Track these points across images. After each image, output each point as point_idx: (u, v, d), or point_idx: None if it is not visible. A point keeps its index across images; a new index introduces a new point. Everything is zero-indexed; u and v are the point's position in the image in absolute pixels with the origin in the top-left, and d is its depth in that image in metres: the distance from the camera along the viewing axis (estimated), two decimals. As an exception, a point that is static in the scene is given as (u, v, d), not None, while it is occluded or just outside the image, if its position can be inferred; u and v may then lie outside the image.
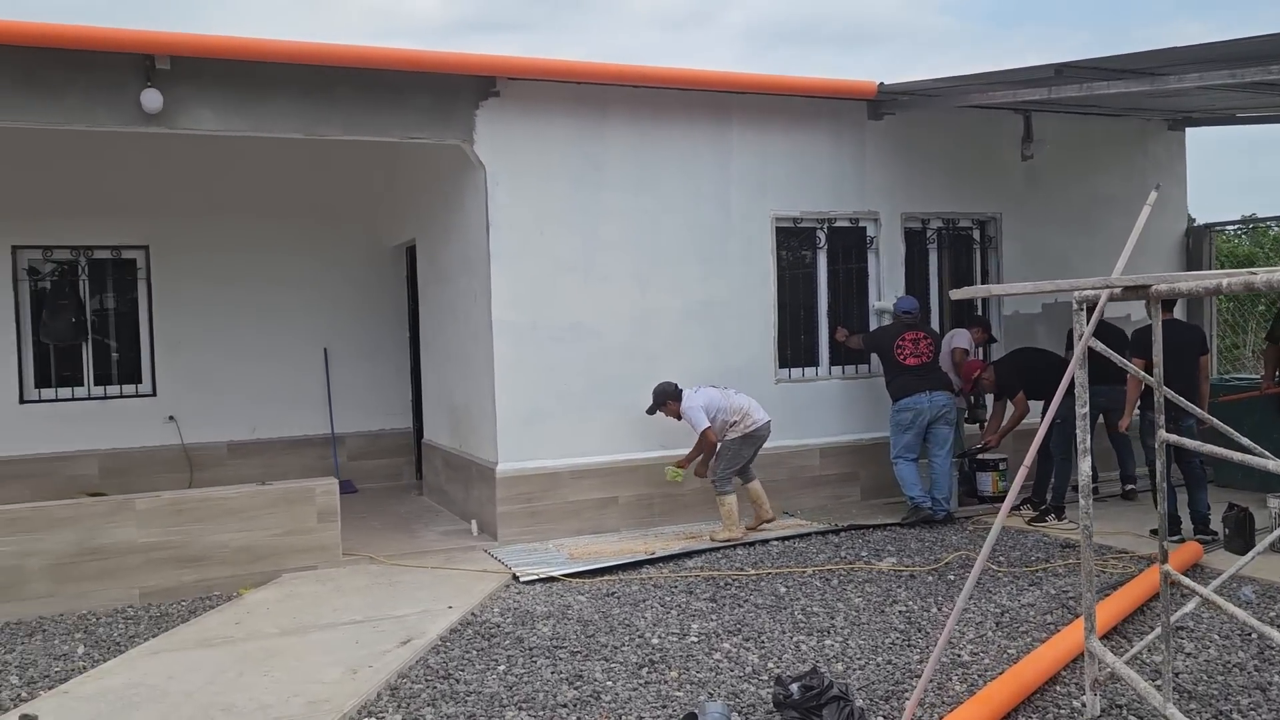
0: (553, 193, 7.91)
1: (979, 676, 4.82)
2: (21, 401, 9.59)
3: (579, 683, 4.94)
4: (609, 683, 4.92)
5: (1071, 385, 8.17)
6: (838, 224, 8.97)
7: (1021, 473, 4.27)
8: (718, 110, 8.40)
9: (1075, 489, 8.40)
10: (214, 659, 5.41)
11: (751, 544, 7.62)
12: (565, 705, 4.67)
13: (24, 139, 9.25)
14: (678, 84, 8.06)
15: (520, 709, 4.66)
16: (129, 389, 10.00)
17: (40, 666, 5.45)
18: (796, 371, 8.85)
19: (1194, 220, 11.09)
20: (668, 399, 7.75)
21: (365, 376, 10.76)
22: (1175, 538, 7.18)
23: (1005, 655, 5.10)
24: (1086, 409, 4.23)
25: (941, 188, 9.32)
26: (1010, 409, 8.52)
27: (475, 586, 6.69)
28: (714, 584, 6.63)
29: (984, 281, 9.63)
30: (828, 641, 5.39)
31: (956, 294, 4.10)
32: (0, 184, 9.42)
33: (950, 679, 4.80)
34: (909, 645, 5.28)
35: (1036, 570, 6.68)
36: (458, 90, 7.58)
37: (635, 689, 4.84)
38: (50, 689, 5.09)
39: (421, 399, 10.14)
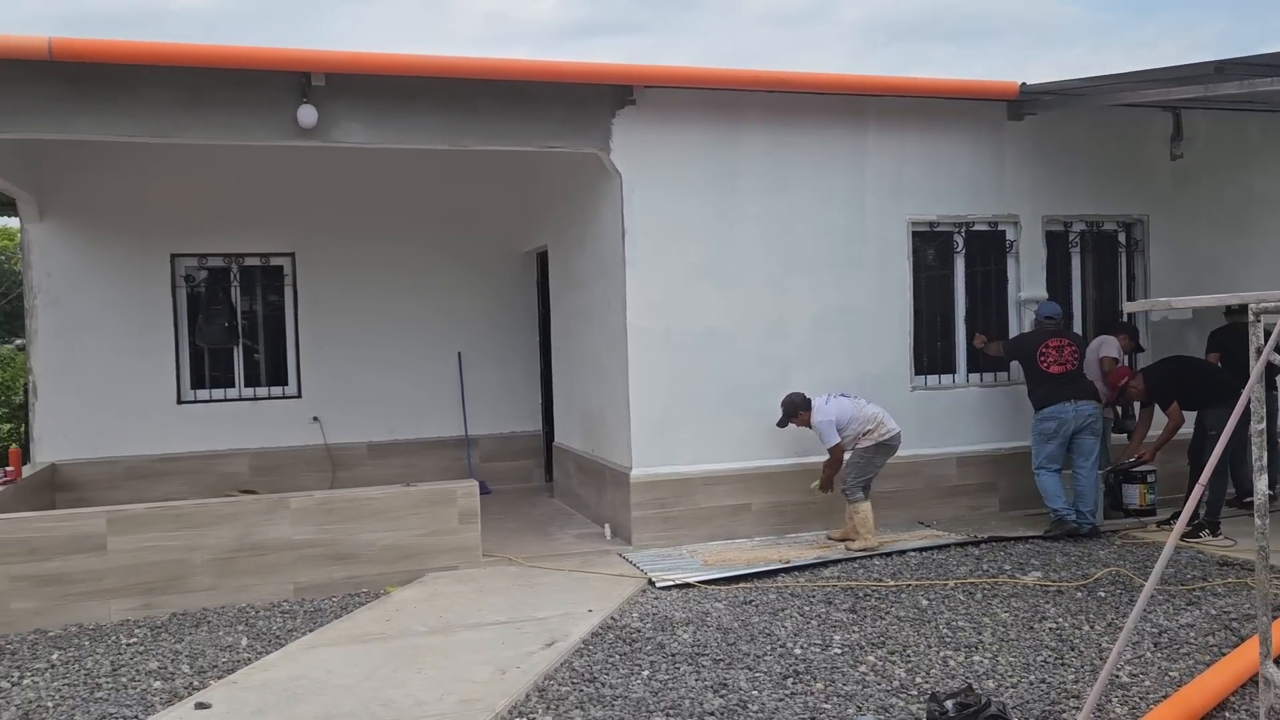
0: (687, 198, 7.94)
1: (1140, 700, 4.65)
2: (179, 402, 10.11)
3: (724, 691, 4.95)
4: (754, 692, 4.92)
5: (1225, 396, 7.82)
6: (976, 227, 8.76)
7: (1197, 491, 4.11)
8: (853, 113, 8.30)
9: (1228, 503, 8.06)
10: (369, 655, 5.61)
11: (888, 554, 7.51)
12: (711, 714, 4.69)
13: (181, 155, 9.76)
14: (813, 88, 8.00)
15: (667, 715, 4.69)
16: (276, 391, 10.44)
17: (208, 656, 5.73)
18: (933, 379, 8.69)
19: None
20: (798, 410, 7.71)
21: (497, 380, 10.99)
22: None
23: (1167, 678, 4.90)
24: (1264, 424, 4.04)
25: (1085, 189, 9.01)
26: (1158, 418, 8.17)
27: (613, 591, 6.76)
28: (853, 594, 6.56)
29: (1130, 286, 9.28)
30: (976, 657, 5.27)
31: (1131, 307, 3.95)
32: (161, 197, 9.95)
33: (1110, 701, 4.64)
34: (1062, 664, 5.13)
35: (1194, 589, 6.41)
36: (594, 99, 7.69)
37: (781, 700, 4.82)
38: (219, 678, 5.35)
39: (552, 403, 10.29)
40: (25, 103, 6.57)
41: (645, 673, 5.25)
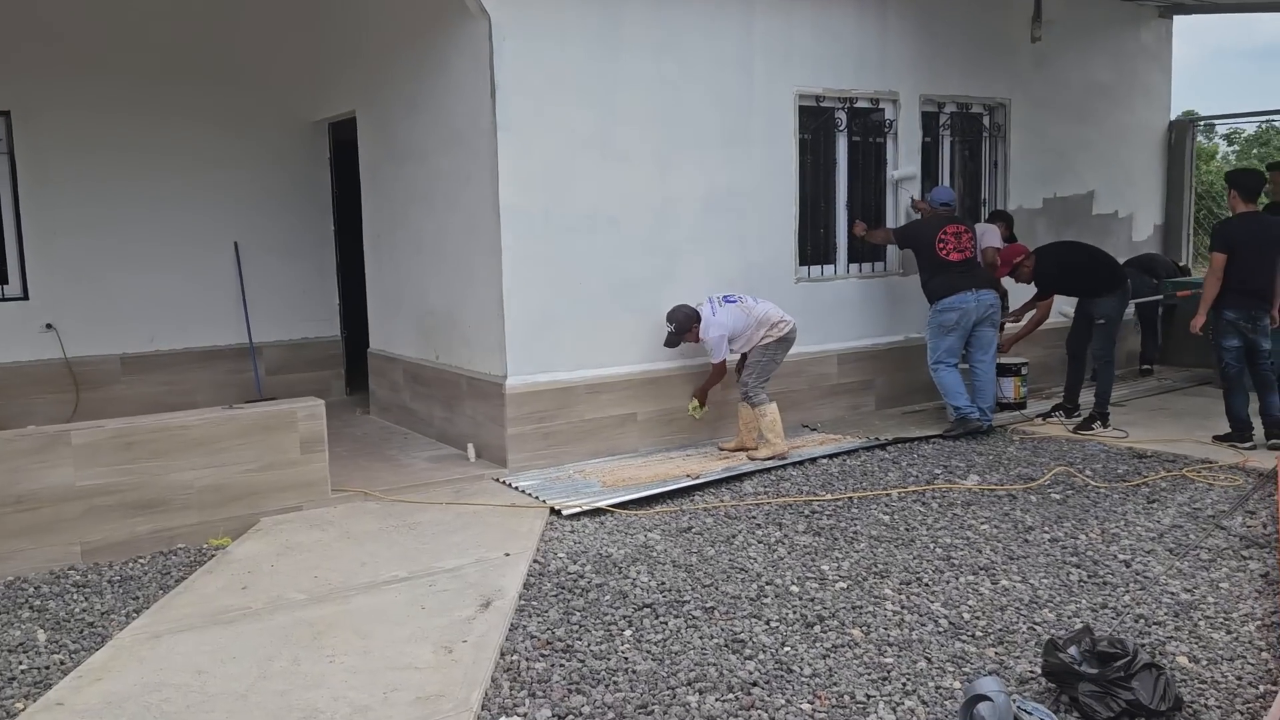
0: (566, 52, 6.57)
1: (1225, 617, 4.11)
2: None
3: (745, 650, 3.96)
4: (786, 649, 3.96)
5: (1116, 285, 7.61)
6: (859, 104, 8.00)
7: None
8: (742, -38, 7.22)
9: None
10: (245, 642, 4.10)
11: (799, 462, 6.76)
12: (754, 684, 3.69)
13: None
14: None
15: (698, 691, 3.64)
16: (-7, 291, 8.08)
17: (-5, 664, 4.00)
18: (815, 270, 7.94)
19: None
20: (691, 323, 6.72)
21: (282, 277, 9.13)
22: (1247, 445, 6.79)
23: (1220, 589, 4.43)
24: None
25: (957, 69, 8.48)
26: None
27: (517, 526, 5.54)
28: (796, 512, 5.73)
29: (993, 173, 8.93)
30: (1004, 582, 4.59)
31: None
32: None
33: (1195, 623, 4.08)
34: (1105, 584, 4.54)
35: (1136, 484, 6.10)
36: (458, -84, 6.11)
37: (825, 655, 3.90)
38: (29, 699, 3.69)
39: (365, 303, 8.63)
40: None
41: (628, 633, 4.16)
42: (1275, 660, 3.73)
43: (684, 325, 6.72)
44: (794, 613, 4.31)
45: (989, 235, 8.06)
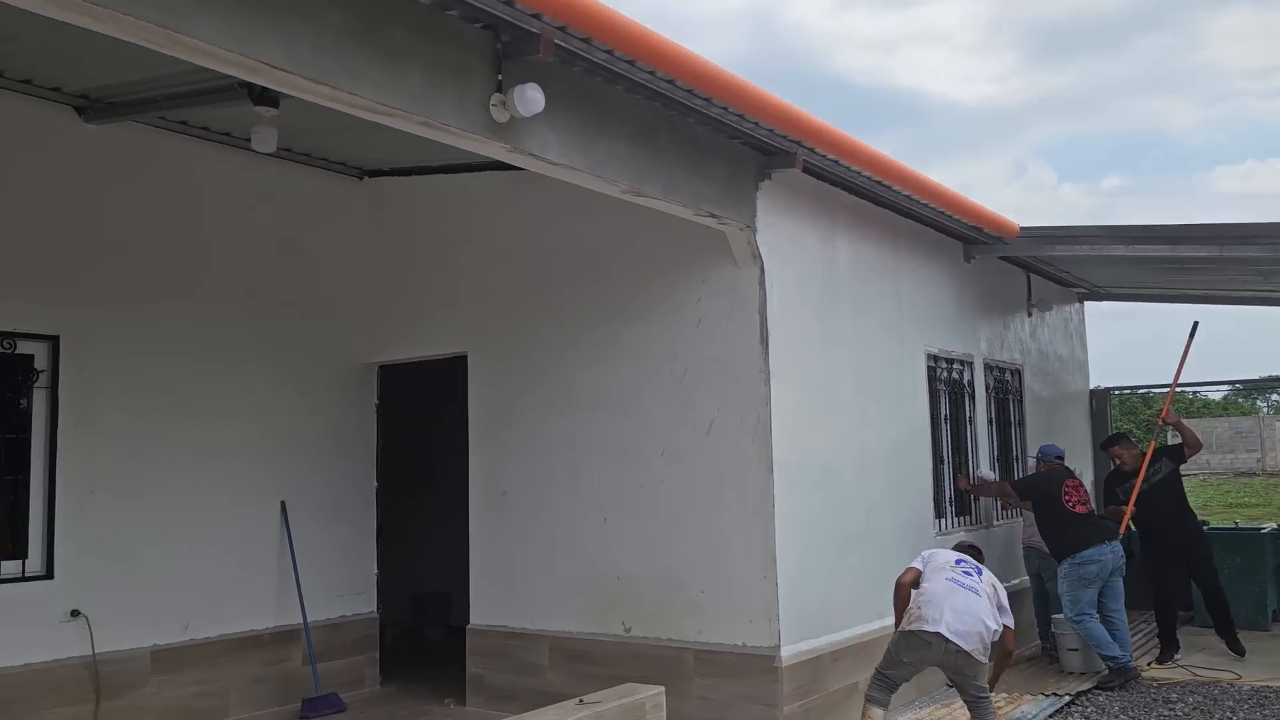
0: (804, 303, 6.48)
1: None
2: None
3: None
4: None
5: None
6: (955, 366, 8.47)
7: None
8: (891, 229, 7.61)
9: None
10: None
11: (1040, 724, 6.54)
12: None
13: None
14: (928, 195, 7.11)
15: None
16: (9, 569, 6.06)
17: None
18: (939, 524, 8.02)
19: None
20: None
21: (322, 543, 7.69)
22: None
23: None
24: None
25: (997, 336, 9.29)
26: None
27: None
28: (1147, 775, 5.51)
29: (1018, 431, 9.65)
30: None
31: None
32: None
33: None
34: None
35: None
36: (745, 161, 5.99)
37: None
38: None
39: (466, 567, 7.43)
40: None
41: None
42: None
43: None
44: None
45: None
